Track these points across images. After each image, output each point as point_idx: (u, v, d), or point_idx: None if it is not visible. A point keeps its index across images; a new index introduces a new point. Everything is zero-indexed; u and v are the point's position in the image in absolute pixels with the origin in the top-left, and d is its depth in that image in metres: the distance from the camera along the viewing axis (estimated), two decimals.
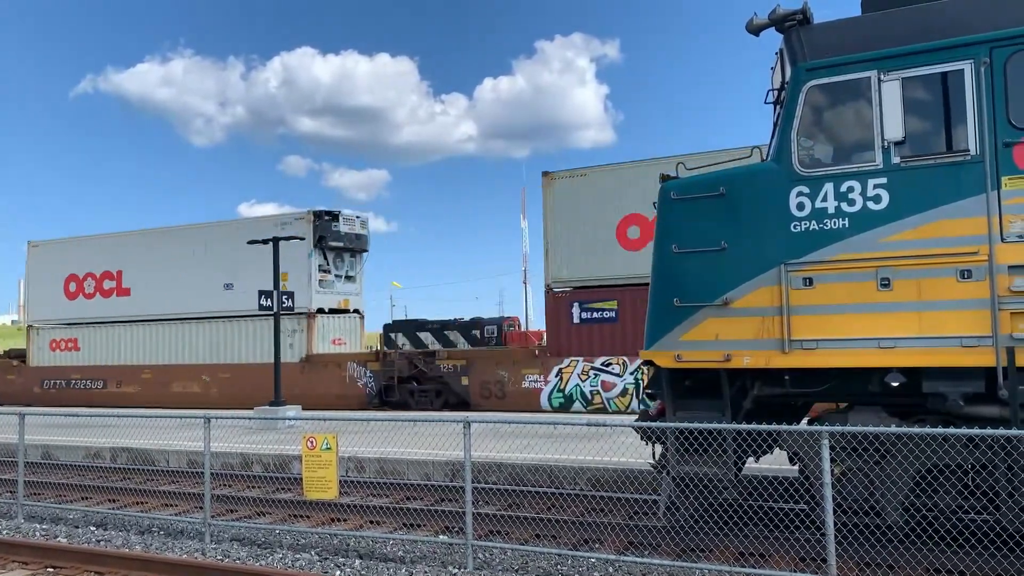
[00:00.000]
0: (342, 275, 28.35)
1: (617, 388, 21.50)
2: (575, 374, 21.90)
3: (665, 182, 8.44)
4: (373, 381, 25.25)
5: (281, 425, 19.49)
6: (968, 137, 7.14)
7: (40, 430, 19.00)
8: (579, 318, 21.89)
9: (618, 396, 21.51)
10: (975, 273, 7.01)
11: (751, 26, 8.15)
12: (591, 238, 21.84)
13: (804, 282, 7.59)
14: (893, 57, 7.41)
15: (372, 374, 25.27)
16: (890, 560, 7.43)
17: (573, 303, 21.99)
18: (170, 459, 15.23)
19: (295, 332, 26.80)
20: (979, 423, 7.03)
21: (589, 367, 21.76)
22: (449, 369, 24.14)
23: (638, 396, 20.86)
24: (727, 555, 8.06)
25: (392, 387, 24.88)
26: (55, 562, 8.44)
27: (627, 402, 21.28)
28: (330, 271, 27.71)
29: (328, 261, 27.65)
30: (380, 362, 25.31)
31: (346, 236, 27.78)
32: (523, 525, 9.47)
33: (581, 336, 21.89)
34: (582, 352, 21.79)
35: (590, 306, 21.77)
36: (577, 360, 21.84)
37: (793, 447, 7.91)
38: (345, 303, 28.60)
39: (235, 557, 8.52)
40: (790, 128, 7.75)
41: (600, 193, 21.88)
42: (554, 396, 22.24)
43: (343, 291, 28.45)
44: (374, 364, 25.41)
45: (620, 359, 21.41)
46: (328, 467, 8.79)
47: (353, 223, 27.88)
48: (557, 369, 22.06)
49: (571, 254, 22.12)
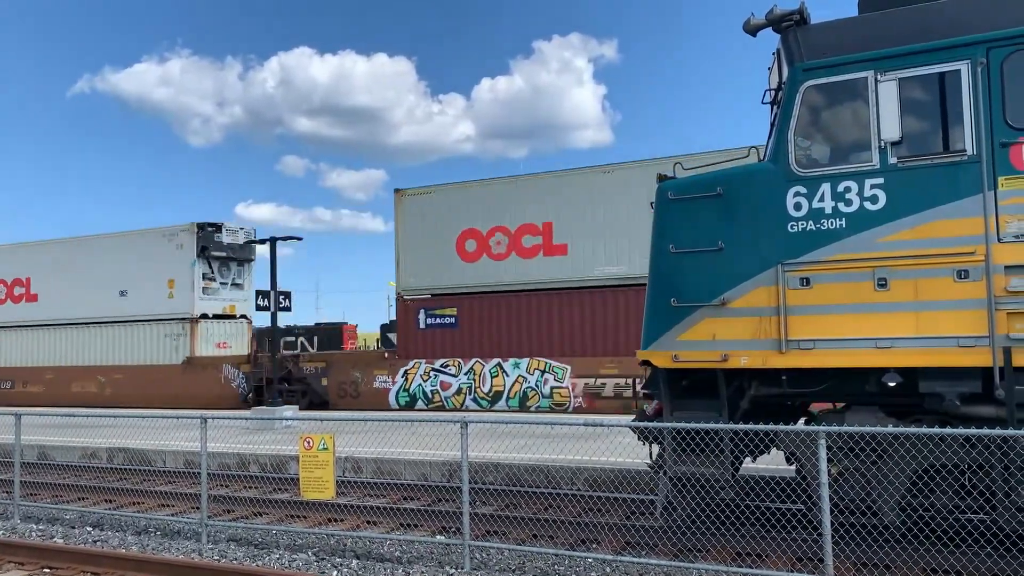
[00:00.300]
0: (228, 283, 30.41)
1: (453, 388, 23.49)
2: (418, 375, 23.93)
3: (662, 182, 8.45)
4: (245, 382, 26.92)
5: (278, 425, 19.49)
6: (965, 137, 7.15)
7: (36, 430, 18.98)
8: (424, 324, 23.99)
9: (454, 395, 23.47)
10: (972, 273, 7.02)
11: (748, 26, 8.15)
12: (435, 251, 23.95)
13: (801, 282, 7.60)
14: (890, 57, 7.42)
15: (244, 375, 26.99)
16: (887, 560, 7.44)
17: (419, 310, 24.08)
18: (167, 459, 15.21)
19: (179, 336, 28.67)
20: (976, 423, 7.04)
21: (430, 368, 23.78)
22: (311, 371, 26.00)
23: (470, 393, 23.26)
24: (724, 555, 8.07)
25: (264, 388, 26.20)
26: (51, 563, 8.43)
27: (462, 400, 23.27)
28: (215, 279, 29.71)
29: (213, 270, 29.63)
30: (251, 364, 27.04)
31: (229, 247, 29.60)
32: (520, 525, 9.47)
33: (426, 340, 23.93)
34: (426, 355, 23.87)
35: (434, 312, 23.92)
36: (420, 362, 23.87)
37: (790, 447, 7.92)
38: (231, 308, 30.62)
39: (232, 557, 8.51)
40: (787, 128, 7.75)
41: (443, 210, 24.03)
42: (400, 395, 24.18)
43: (229, 297, 30.51)
44: (246, 366, 27.13)
45: (456, 361, 23.45)
46: (325, 467, 8.78)
47: (236, 234, 29.76)
48: (403, 371, 24.03)
49: (418, 265, 24.15)
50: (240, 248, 29.83)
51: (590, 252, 22.03)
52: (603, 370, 21.55)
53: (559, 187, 22.75)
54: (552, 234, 22.67)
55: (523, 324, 22.79)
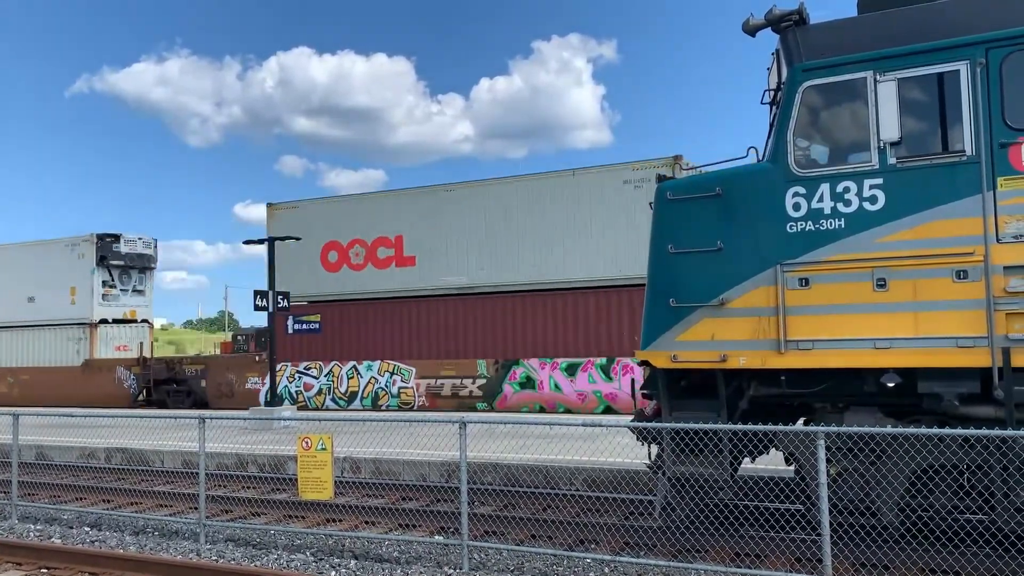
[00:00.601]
0: (128, 289, 32.84)
1: (315, 388, 25.85)
2: (285, 377, 26.02)
3: (661, 182, 8.44)
4: (135, 383, 29.09)
5: (276, 425, 19.48)
6: (964, 138, 7.14)
7: (34, 430, 18.96)
8: (292, 329, 26.27)
9: (315, 395, 25.77)
10: (971, 274, 7.02)
11: (747, 26, 8.14)
12: (302, 261, 25.94)
13: (800, 282, 7.60)
14: (889, 58, 7.42)
15: (135, 377, 29.15)
16: (885, 560, 7.43)
17: (288, 316, 25.88)
18: (165, 459, 15.20)
19: (80, 340, 31.00)
20: (974, 423, 7.04)
21: (295, 371, 26.07)
22: (192, 373, 28.20)
23: (329, 394, 25.53)
24: (723, 555, 8.06)
25: (154, 388, 28.90)
26: (49, 563, 8.41)
27: (322, 400, 25.66)
28: (115, 286, 32.12)
29: (113, 277, 32.03)
30: (141, 367, 29.04)
31: (127, 255, 32.27)
32: (519, 526, 9.46)
33: (293, 344, 26.14)
34: (293, 358, 26.07)
35: (300, 319, 26.15)
36: (287, 365, 25.97)
37: (789, 447, 7.91)
38: (132, 314, 33.06)
39: (230, 558, 8.50)
40: (786, 128, 7.75)
41: (309, 223, 26.09)
42: (268, 396, 24.93)
43: (129, 303, 33.04)
44: (136, 368, 29.17)
45: (318, 363, 25.72)
46: (323, 468, 8.76)
47: (135, 244, 32.58)
48: None
49: (288, 275, 25.43)
50: (138, 257, 32.59)
51: (436, 263, 24.15)
52: (443, 372, 23.63)
53: (409, 204, 24.86)
54: (403, 246, 24.85)
55: (376, 329, 24.82)
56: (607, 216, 21.68)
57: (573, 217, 22.51)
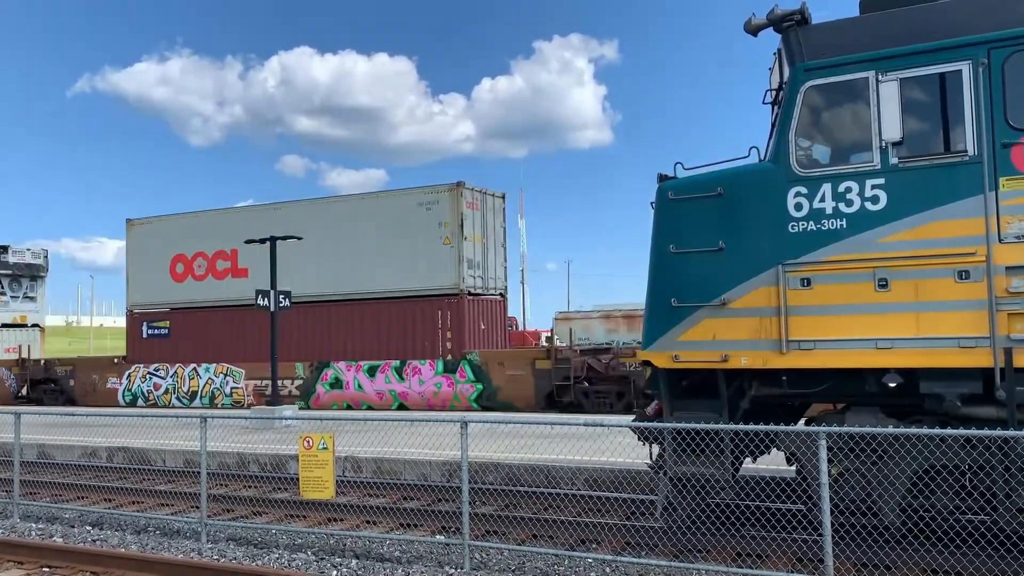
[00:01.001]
0: (19, 296, 37.11)
1: (162, 388, 28.31)
2: (137, 377, 28.77)
3: (663, 182, 8.42)
4: (15, 382, 31.19)
5: (278, 425, 19.46)
6: (966, 138, 7.14)
7: (36, 429, 18.97)
8: (146, 334, 29.13)
9: (163, 394, 28.21)
10: (973, 274, 7.01)
11: (749, 26, 8.14)
12: (155, 272, 28.90)
13: (802, 282, 7.59)
14: (891, 58, 7.41)
15: (14, 377, 31.33)
16: (887, 561, 7.42)
17: (143, 322, 29.21)
18: (166, 459, 15.20)
19: None
20: (976, 424, 7.03)
21: (146, 372, 28.64)
22: (63, 373, 30.40)
23: (175, 393, 27.97)
24: (724, 555, 8.06)
25: (35, 386, 31.17)
26: (51, 562, 8.42)
27: (168, 399, 27.99)
28: (6, 293, 36.50)
29: (3, 285, 36.36)
30: (20, 367, 31.27)
31: (15, 265, 36.45)
32: (520, 525, 9.46)
33: (145, 348, 29.02)
34: (146, 360, 28.79)
35: (153, 324, 29.08)
36: (140, 366, 28.72)
37: (790, 447, 7.91)
38: (22, 319, 37.00)
39: (231, 557, 8.51)
40: (788, 128, 7.74)
41: (161, 237, 29.05)
42: (125, 394, 28.87)
43: (20, 309, 37.30)
44: (16, 369, 31.43)
45: (165, 365, 28.24)
46: (325, 467, 8.77)
47: (24, 255, 36.45)
48: (127, 373, 29.00)
49: (142, 284, 29.20)
50: (27, 267, 36.64)
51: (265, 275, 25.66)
52: (267, 373, 24.87)
53: (244, 220, 27.46)
54: (238, 259, 27.37)
55: (214, 335, 27.53)
56: (404, 234, 24.33)
57: (375, 235, 25.24)
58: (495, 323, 26.05)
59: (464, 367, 23.56)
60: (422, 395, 24.04)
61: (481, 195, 25.50)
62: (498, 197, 26.51)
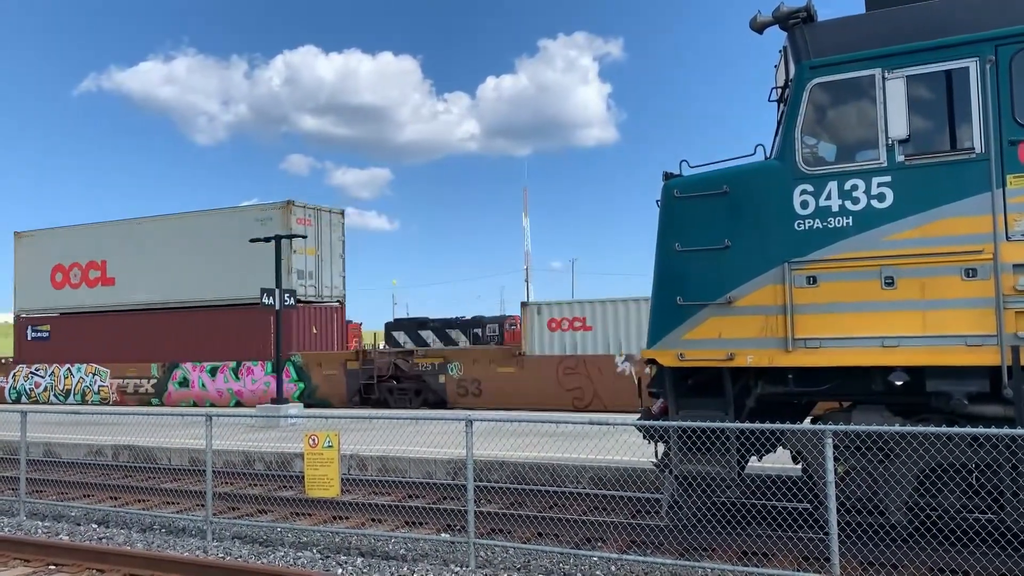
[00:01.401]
0: None
1: (42, 386, 31.10)
2: (21, 376, 31.78)
3: (668, 180, 8.41)
4: None
5: (283, 423, 19.52)
6: (973, 135, 7.11)
7: (42, 427, 19.02)
8: (30, 336, 31.98)
9: (43, 392, 31.00)
10: (980, 272, 6.98)
11: (755, 24, 8.11)
12: (39, 280, 31.82)
13: (808, 280, 7.57)
14: (898, 55, 7.38)
15: None
16: (893, 560, 7.41)
17: (28, 326, 32.08)
18: (172, 457, 15.23)
19: None
20: (983, 422, 7.00)
21: (28, 371, 31.62)
22: None
23: (52, 391, 30.78)
24: (730, 554, 8.04)
25: None
26: (57, 559, 8.44)
27: (47, 396, 30.83)
28: None
29: None
30: None
31: None
32: (525, 524, 9.45)
33: (30, 349, 31.82)
34: (29, 361, 31.72)
35: (36, 328, 31.87)
36: (24, 367, 31.73)
37: (796, 446, 7.89)
38: None
39: (237, 555, 8.52)
40: (794, 126, 7.72)
41: (43, 248, 32.08)
42: (10, 392, 31.75)
43: None
44: None
45: (44, 366, 31.10)
46: (330, 465, 8.78)
47: None
48: (12, 373, 31.87)
49: (29, 291, 32.19)
50: None
51: (128, 284, 29.89)
52: (128, 373, 29.27)
53: (111, 233, 30.55)
54: (107, 269, 30.46)
55: (87, 337, 30.18)
56: (242, 247, 26.21)
57: (218, 248, 28.15)
58: (330, 328, 29.06)
59: (289, 368, 26.07)
60: (254, 393, 26.68)
61: (315, 212, 28.58)
62: (336, 213, 29.45)
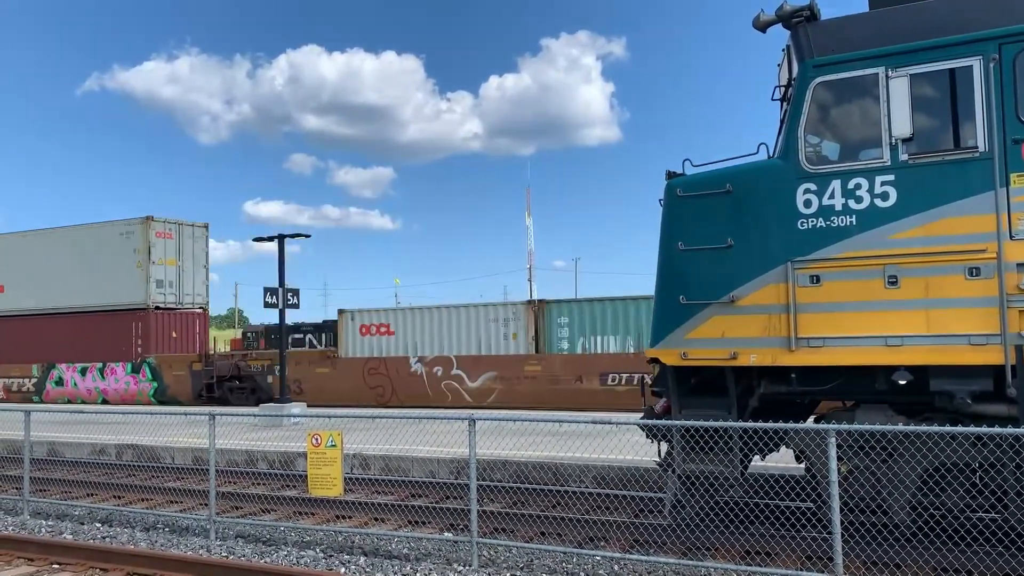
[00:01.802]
0: None
1: None
2: None
3: (671, 179, 8.40)
4: None
5: (286, 422, 19.53)
6: (977, 134, 7.09)
7: (46, 427, 19.06)
8: None
9: None
10: (983, 271, 6.97)
11: (758, 22, 8.10)
12: None
13: (811, 280, 7.56)
14: (901, 53, 7.37)
15: None
16: (897, 559, 7.40)
17: None
18: (175, 456, 15.25)
19: None
20: (987, 421, 6.99)
21: None
22: None
23: None
24: (733, 553, 8.04)
25: None
26: (60, 558, 8.45)
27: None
28: None
29: None
30: None
31: None
32: (528, 523, 9.45)
33: None
34: None
35: None
36: None
37: (800, 445, 7.88)
38: None
39: (240, 554, 8.53)
40: (797, 125, 7.71)
41: None
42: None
43: None
44: None
45: None
46: (333, 464, 8.78)
47: None
48: None
49: None
50: None
51: (16, 291, 32.17)
52: (12, 373, 32.04)
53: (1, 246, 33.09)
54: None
55: None
56: (107, 259, 29.77)
57: (87, 259, 30.63)
58: (191, 332, 31.48)
59: (145, 368, 28.98)
60: (117, 391, 29.38)
61: (177, 225, 31.00)
62: (199, 227, 31.86)
